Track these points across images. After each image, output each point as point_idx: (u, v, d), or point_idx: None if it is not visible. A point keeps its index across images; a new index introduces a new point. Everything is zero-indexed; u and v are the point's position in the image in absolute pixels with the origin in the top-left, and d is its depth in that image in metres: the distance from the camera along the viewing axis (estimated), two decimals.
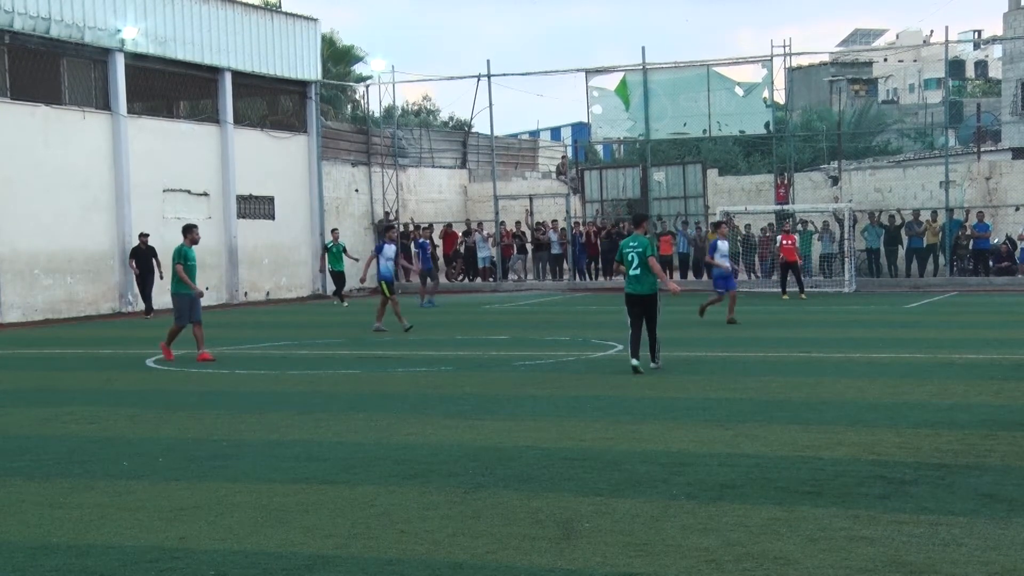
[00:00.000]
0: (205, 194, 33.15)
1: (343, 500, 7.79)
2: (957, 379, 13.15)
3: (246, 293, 34.23)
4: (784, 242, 30.18)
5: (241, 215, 34.28)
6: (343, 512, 7.46)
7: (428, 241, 33.95)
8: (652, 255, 14.56)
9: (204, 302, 18.61)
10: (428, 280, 31.35)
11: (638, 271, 14.46)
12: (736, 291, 22.09)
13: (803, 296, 28.89)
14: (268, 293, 35.19)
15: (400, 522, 7.16)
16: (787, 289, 29.71)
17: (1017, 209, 34.64)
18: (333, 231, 33.15)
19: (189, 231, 17.68)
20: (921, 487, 7.71)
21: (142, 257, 28.55)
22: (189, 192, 32.62)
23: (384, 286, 21.94)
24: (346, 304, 30.59)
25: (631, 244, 14.65)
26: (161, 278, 27.37)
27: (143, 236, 28.62)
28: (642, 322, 14.55)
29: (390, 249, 22.53)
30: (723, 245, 22.10)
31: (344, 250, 31.66)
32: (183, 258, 17.21)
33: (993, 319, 21.92)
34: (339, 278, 31.63)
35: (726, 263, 21.88)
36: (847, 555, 6.18)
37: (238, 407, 12.41)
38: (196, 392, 13.93)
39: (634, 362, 14.31)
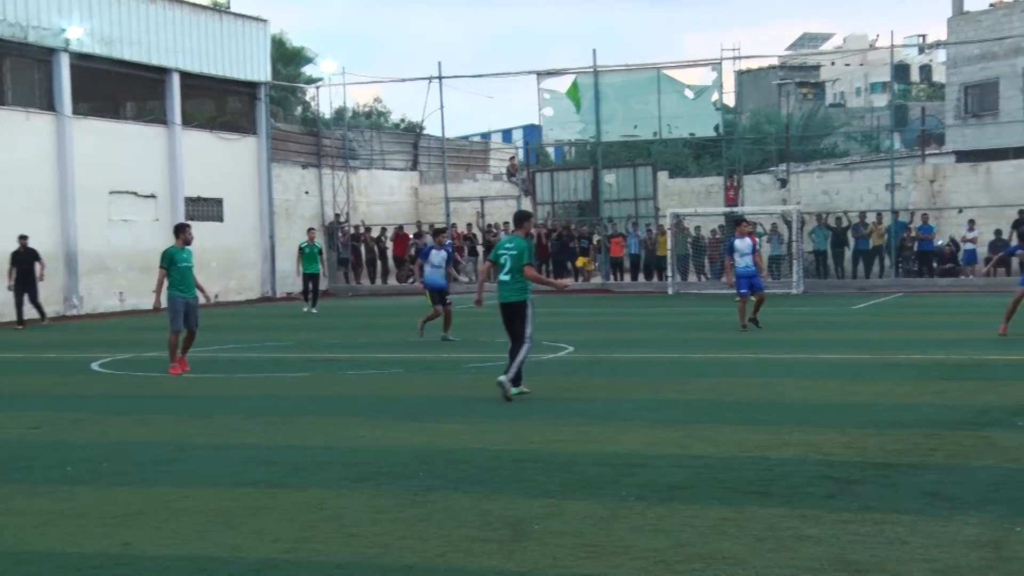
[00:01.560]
0: (152, 196, 32.79)
1: (292, 504, 7.73)
2: (902, 379, 13.32)
3: (217, 295, 33.85)
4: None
5: (189, 217, 33.86)
6: (292, 516, 7.40)
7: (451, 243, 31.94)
8: (529, 263, 12.59)
9: (150, 305, 18.09)
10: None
11: (508, 276, 12.65)
12: (764, 292, 20.49)
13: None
14: (216, 296, 34.83)
15: (350, 525, 7.11)
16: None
17: (960, 211, 35.20)
18: (309, 231, 30.86)
19: (181, 231, 16.27)
20: (866, 486, 7.79)
21: (22, 261, 25.98)
22: (136, 194, 32.24)
23: (430, 295, 19.86)
24: (316, 311, 28.17)
25: (507, 245, 12.83)
26: (41, 279, 26.08)
27: (22, 239, 26.15)
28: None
29: (438, 255, 20.06)
30: (741, 244, 20.46)
31: (320, 252, 29.40)
32: (169, 261, 15.83)
33: (937, 320, 22.24)
34: (314, 281, 29.16)
35: (746, 261, 20.22)
36: (794, 554, 6.23)
37: (185, 411, 12.27)
38: (143, 396, 13.76)
39: (501, 377, 12.37)
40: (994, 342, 17.29)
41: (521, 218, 13.22)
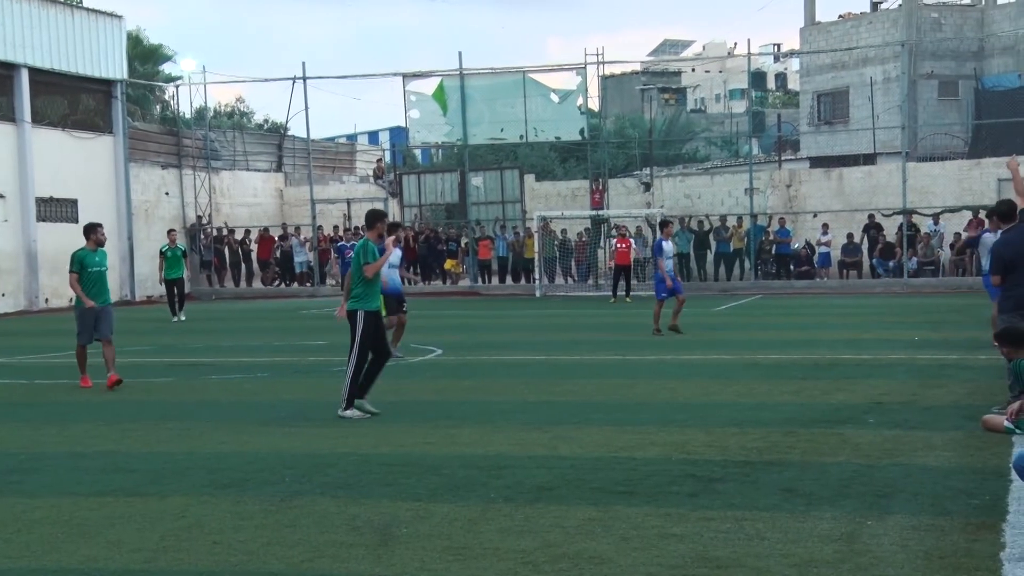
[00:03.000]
0: (1, 196, 31.51)
1: (151, 512, 7.52)
2: (762, 379, 13.69)
3: (47, 300, 32.70)
4: (619, 245, 30.70)
5: (41, 218, 32.72)
6: (151, 525, 7.19)
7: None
8: (366, 263, 11.31)
9: (1, 308, 17.36)
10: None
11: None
12: (683, 295, 20.17)
13: (628, 299, 29.34)
14: (71, 300, 33.69)
15: (213, 533, 6.96)
16: (617, 292, 30.13)
17: (815, 216, 36.43)
18: (170, 233, 28.04)
19: (92, 231, 15.10)
20: (728, 484, 7.99)
21: None
22: None
23: (386, 303, 15.73)
24: (184, 317, 25.98)
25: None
26: None
27: None
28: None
29: (396, 255, 16.89)
30: (668, 246, 20.36)
31: (184, 254, 27.29)
32: (79, 265, 14.86)
33: (794, 321, 22.96)
34: (178, 286, 26.68)
35: (668, 264, 20.10)
36: (658, 553, 6.34)
37: (38, 418, 11.82)
38: None
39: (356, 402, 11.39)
40: (847, 342, 17.93)
41: (373, 218, 11.87)
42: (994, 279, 12.05)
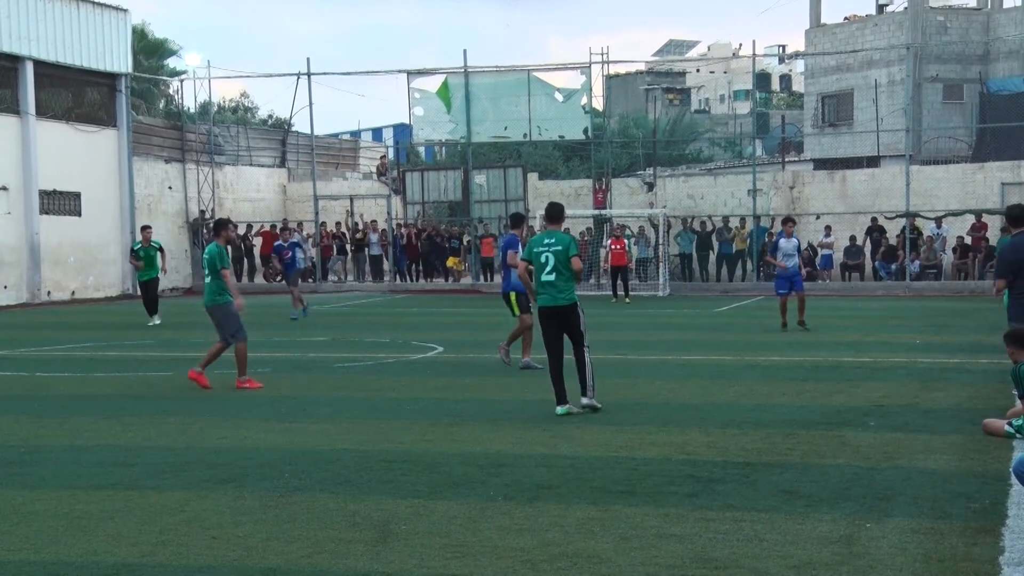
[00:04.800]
0: (4, 188, 31.53)
1: (151, 506, 7.53)
2: (762, 380, 13.69)
3: (49, 292, 32.72)
4: (614, 247, 30.67)
5: (44, 211, 32.74)
6: (150, 519, 7.20)
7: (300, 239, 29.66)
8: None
9: (2, 301, 17.33)
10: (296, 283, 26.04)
11: (552, 276, 11.26)
12: (804, 292, 20.60)
13: (627, 300, 29.38)
14: (74, 293, 33.74)
15: (211, 528, 6.96)
16: (616, 293, 30.09)
17: (818, 217, 36.39)
18: (144, 229, 25.63)
19: (223, 228, 14.30)
20: (727, 485, 7.98)
21: None
22: None
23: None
24: (158, 321, 23.55)
25: (547, 241, 11.42)
26: None
27: None
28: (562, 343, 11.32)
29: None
30: (786, 244, 20.49)
31: (160, 250, 24.60)
32: (225, 261, 13.77)
33: (795, 322, 22.92)
34: (152, 288, 24.10)
35: (788, 263, 20.26)
36: (657, 552, 6.34)
37: (39, 411, 11.83)
38: None
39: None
40: (848, 344, 17.92)
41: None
42: (999, 283, 12.05)
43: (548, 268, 11.21)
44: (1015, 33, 44.90)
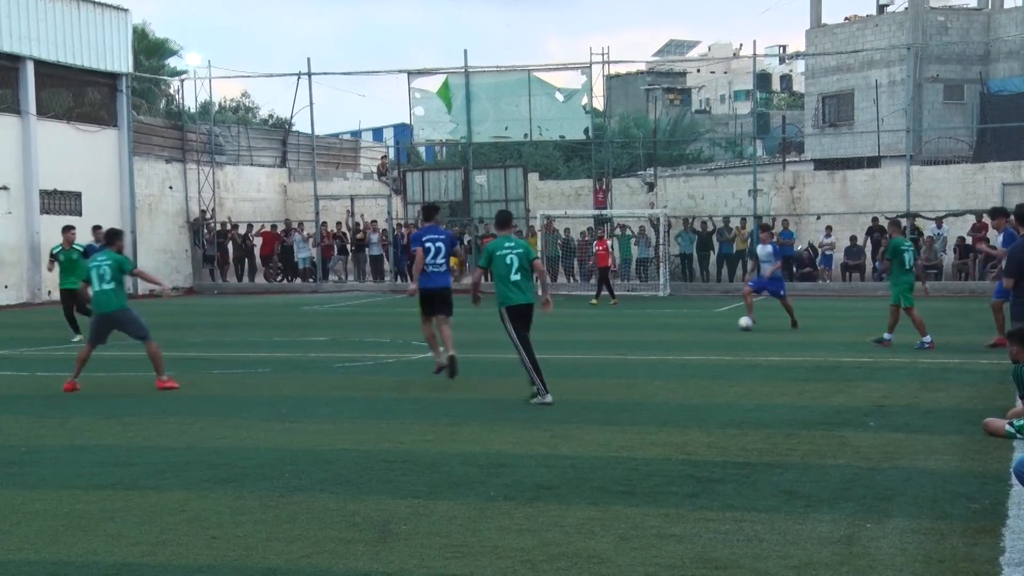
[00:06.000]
0: (5, 188, 31.54)
1: (151, 506, 7.53)
2: (763, 380, 13.69)
3: (49, 292, 32.69)
4: (598, 248, 30.58)
5: (45, 211, 32.74)
6: (151, 518, 7.20)
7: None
8: (535, 258, 12.59)
9: (2, 301, 17.27)
10: None
11: (519, 276, 12.15)
12: (785, 297, 21.03)
13: (613, 302, 29.02)
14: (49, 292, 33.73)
15: (212, 527, 6.96)
16: (601, 294, 29.83)
17: (818, 218, 36.40)
18: (66, 231, 20.97)
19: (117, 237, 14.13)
20: (728, 485, 7.98)
21: None
22: None
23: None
24: (77, 338, 19.02)
25: (507, 244, 12.38)
26: None
27: None
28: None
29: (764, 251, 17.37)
30: (761, 250, 21.33)
31: (84, 254, 19.61)
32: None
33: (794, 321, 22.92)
34: (76, 301, 19.96)
35: (766, 269, 20.89)
36: (657, 553, 6.34)
37: (39, 411, 11.83)
38: None
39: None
40: (848, 345, 17.91)
41: (507, 219, 12.94)
42: (1007, 282, 12.09)
43: (514, 269, 12.09)
44: (1015, 33, 44.90)
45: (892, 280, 17.78)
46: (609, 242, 31.93)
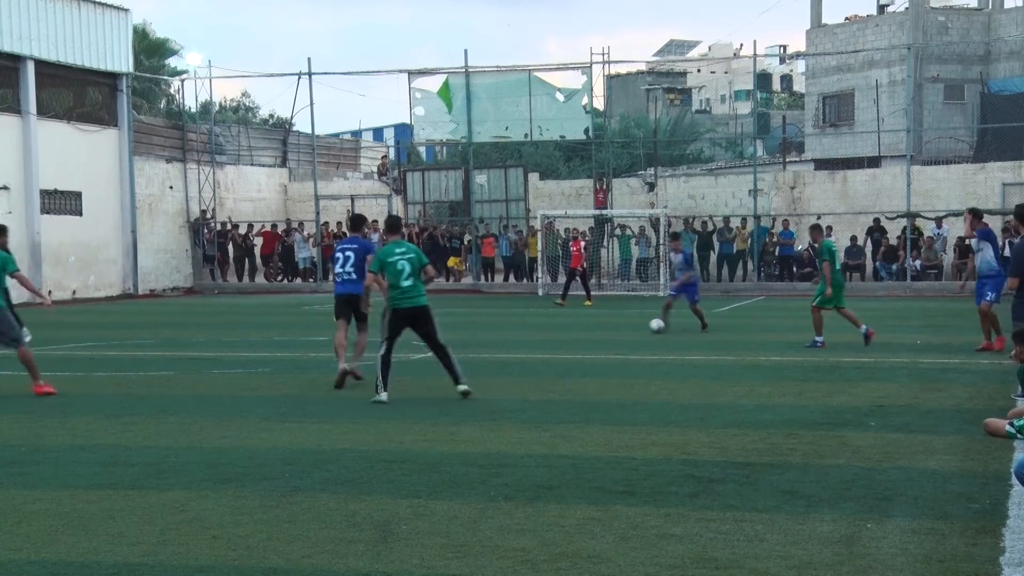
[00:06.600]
0: (5, 187, 31.55)
1: (151, 506, 7.53)
2: (763, 380, 13.69)
3: (50, 292, 32.69)
4: (572, 249, 30.44)
5: (45, 210, 32.77)
6: (151, 518, 7.20)
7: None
8: (427, 263, 12.72)
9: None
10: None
11: (410, 281, 12.36)
12: (697, 304, 20.84)
13: (588, 303, 28.48)
14: (74, 292, 33.75)
15: (212, 527, 6.96)
16: (569, 294, 29.19)
17: (819, 217, 36.33)
18: None
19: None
20: (728, 485, 7.98)
21: None
22: None
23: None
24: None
25: (398, 251, 12.47)
26: None
27: None
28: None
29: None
30: (675, 258, 21.71)
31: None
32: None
33: (796, 323, 22.91)
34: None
35: (681, 276, 21.03)
36: (657, 552, 6.34)
37: (39, 411, 11.83)
38: None
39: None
40: (848, 345, 17.91)
41: (397, 224, 13.10)
42: (1011, 282, 12.12)
43: (405, 274, 12.31)
44: (1016, 33, 44.89)
45: (824, 281, 18.06)
46: (583, 243, 31.69)
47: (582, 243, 31.35)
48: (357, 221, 14.87)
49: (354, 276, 13.73)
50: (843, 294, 18.14)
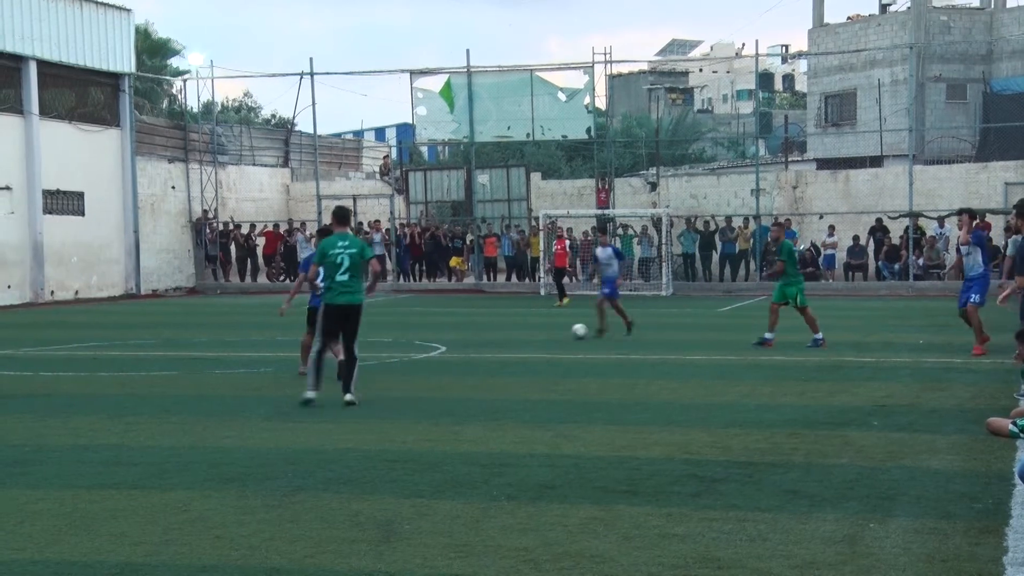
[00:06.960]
0: (7, 188, 31.56)
1: (154, 506, 7.53)
2: (765, 380, 13.68)
3: (52, 292, 32.75)
4: (556, 248, 30.30)
5: (48, 211, 32.77)
6: (154, 518, 7.20)
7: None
8: (371, 257, 12.33)
9: (5, 300, 17.16)
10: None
11: (346, 276, 11.95)
12: (617, 300, 20.24)
13: (565, 302, 28.26)
14: (77, 292, 33.76)
15: (215, 527, 6.96)
16: (564, 294, 29.02)
17: (821, 217, 36.38)
18: None
19: None
20: (730, 485, 7.98)
21: None
22: None
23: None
24: None
25: (340, 244, 12.05)
26: None
27: None
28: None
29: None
30: (601, 253, 20.82)
31: None
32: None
33: (798, 322, 22.90)
34: None
35: (607, 271, 20.29)
36: (660, 552, 6.34)
37: (42, 411, 11.84)
38: None
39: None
40: (851, 344, 17.91)
41: (345, 216, 12.40)
42: (1020, 280, 12.14)
43: (343, 269, 11.85)
44: (1018, 33, 44.85)
45: (784, 280, 18.13)
46: (567, 242, 31.61)
47: (566, 241, 31.31)
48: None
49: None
50: (803, 293, 18.14)
